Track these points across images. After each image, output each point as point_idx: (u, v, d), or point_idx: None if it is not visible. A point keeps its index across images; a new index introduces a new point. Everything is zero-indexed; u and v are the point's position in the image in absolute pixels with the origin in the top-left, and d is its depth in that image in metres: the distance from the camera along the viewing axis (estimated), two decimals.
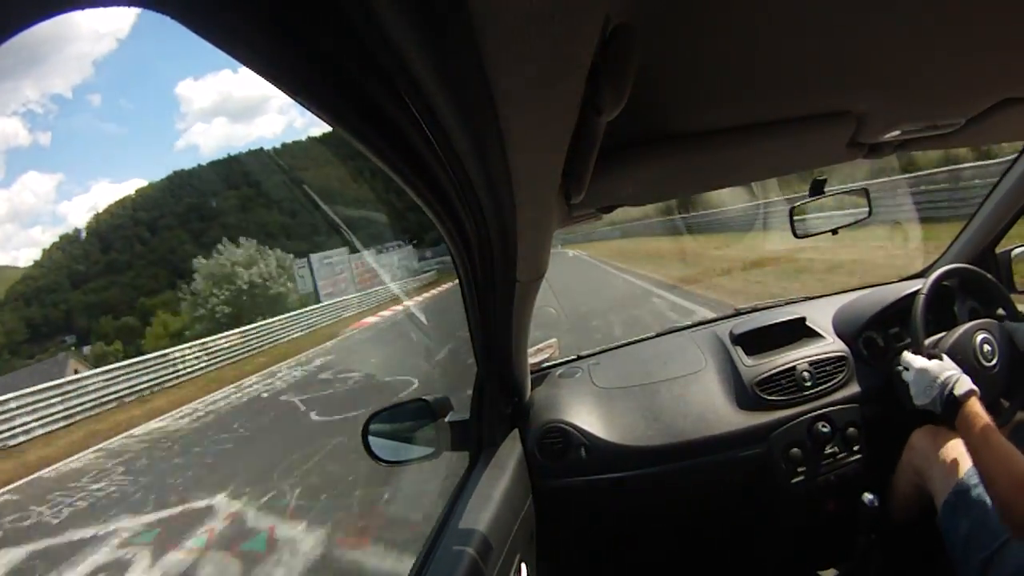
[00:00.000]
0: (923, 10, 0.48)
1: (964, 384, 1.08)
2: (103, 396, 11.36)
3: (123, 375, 12.29)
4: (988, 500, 1.02)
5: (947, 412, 1.08)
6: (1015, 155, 1.43)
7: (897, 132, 0.84)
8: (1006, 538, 0.98)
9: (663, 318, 6.81)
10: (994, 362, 1.28)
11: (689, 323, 1.80)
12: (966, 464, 1.11)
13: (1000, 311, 1.39)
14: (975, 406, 1.04)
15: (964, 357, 1.24)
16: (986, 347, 1.27)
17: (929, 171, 8.20)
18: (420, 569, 0.91)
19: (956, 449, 1.15)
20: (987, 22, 0.52)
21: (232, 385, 11.38)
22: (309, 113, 0.35)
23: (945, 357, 1.17)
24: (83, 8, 0.21)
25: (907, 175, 8.31)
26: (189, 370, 13.79)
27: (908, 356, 1.22)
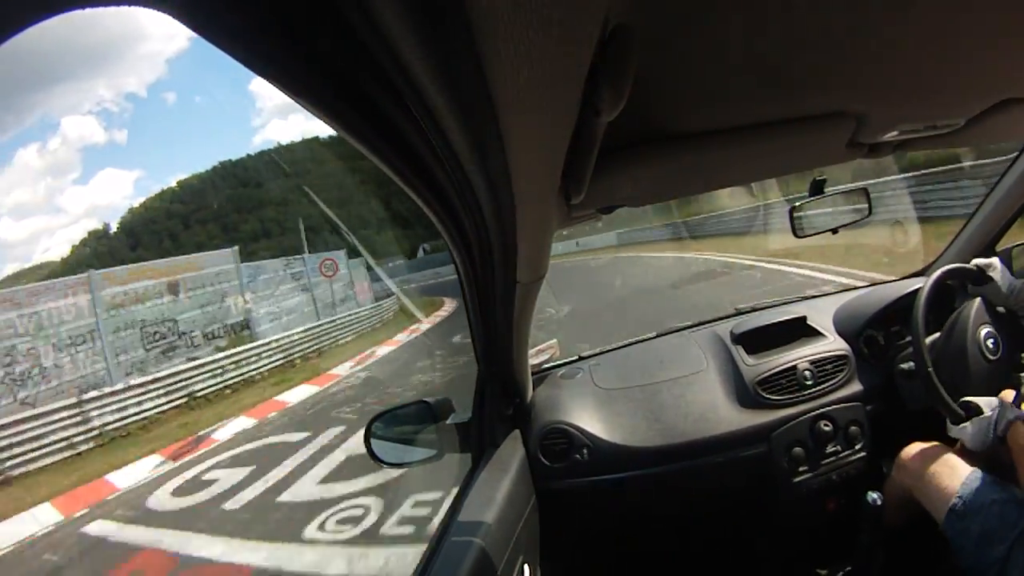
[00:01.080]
0: (923, 11, 0.48)
1: (1003, 420, 1.11)
2: None
3: None
4: (999, 498, 1.04)
5: (1001, 445, 1.12)
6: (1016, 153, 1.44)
7: (897, 132, 0.84)
8: (1019, 531, 1.00)
9: None
10: (1000, 353, 1.28)
11: (689, 323, 1.79)
12: (965, 471, 1.13)
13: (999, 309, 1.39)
14: (1016, 433, 1.08)
15: (975, 361, 1.25)
16: (989, 342, 1.28)
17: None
18: (423, 571, 0.90)
19: (948, 462, 1.17)
20: (987, 22, 0.52)
21: None
22: None
23: (980, 403, 1.17)
24: (83, 8, 0.21)
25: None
26: None
27: (957, 430, 1.20)
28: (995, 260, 1.33)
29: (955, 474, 1.14)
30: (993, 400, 1.15)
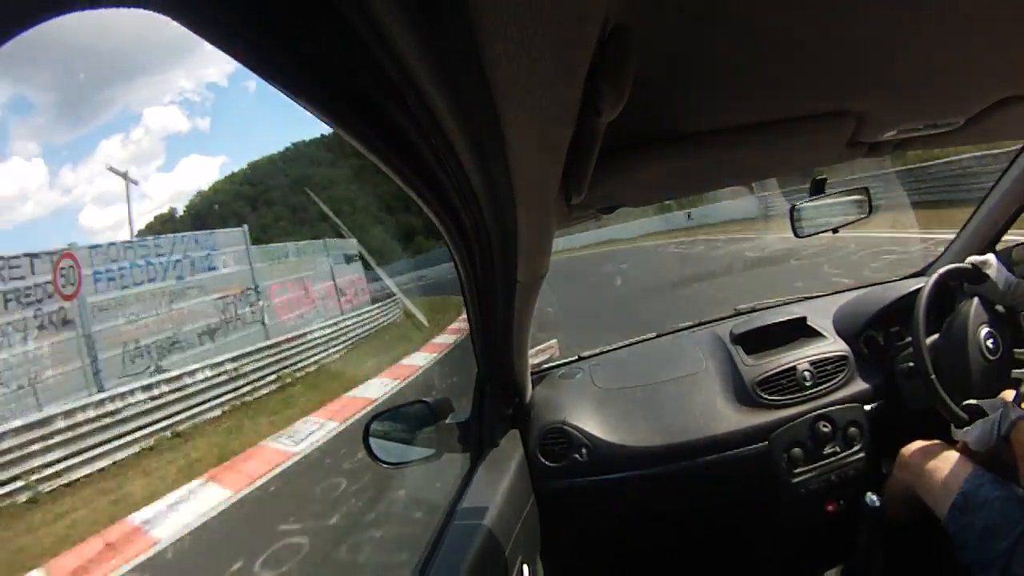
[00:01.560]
0: (923, 10, 0.48)
1: (1006, 420, 1.11)
2: None
3: None
4: (1001, 495, 1.05)
5: (1005, 444, 1.12)
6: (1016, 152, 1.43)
7: (897, 131, 0.84)
8: (1023, 528, 1.01)
9: None
10: (1000, 352, 1.28)
11: (689, 323, 1.80)
12: (967, 468, 1.14)
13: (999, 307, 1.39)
14: (1020, 432, 1.08)
15: (976, 361, 1.25)
16: (989, 342, 1.27)
17: None
18: (421, 571, 0.90)
19: (949, 459, 1.18)
20: (987, 21, 0.52)
21: None
22: None
23: (983, 404, 1.18)
24: (84, 9, 0.21)
25: None
26: None
27: (961, 433, 1.20)
28: (990, 257, 1.32)
29: (957, 471, 1.14)
30: (995, 401, 1.16)
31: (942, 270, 1.35)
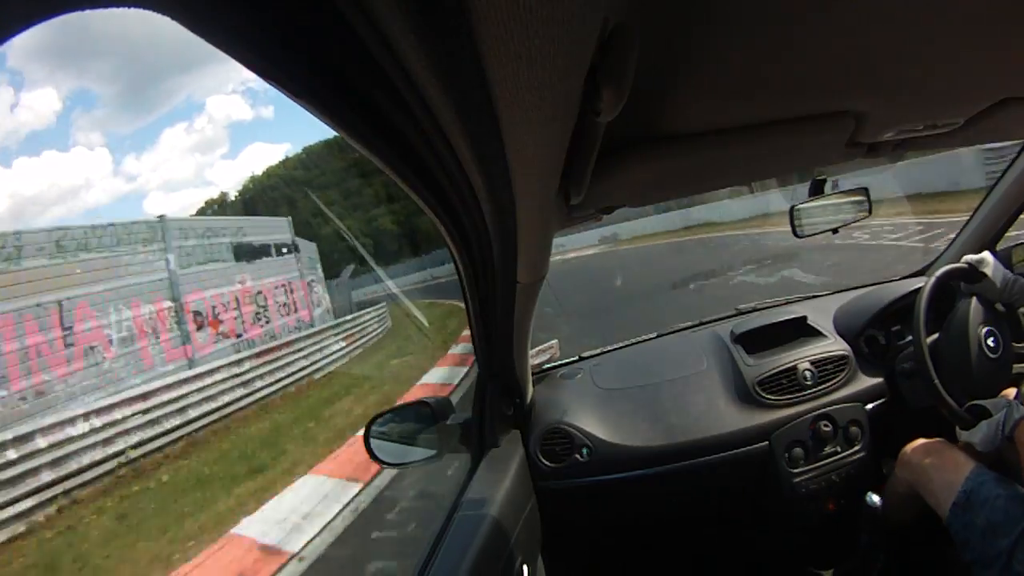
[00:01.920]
0: (922, 10, 0.48)
1: (1011, 420, 1.11)
2: None
3: None
4: (1004, 493, 1.05)
5: (1009, 443, 1.12)
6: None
7: (896, 132, 0.84)
8: None
9: None
10: (1000, 350, 1.28)
11: (690, 323, 1.80)
12: (968, 466, 1.14)
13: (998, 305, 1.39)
14: (1023, 430, 1.08)
15: (977, 360, 1.25)
16: (990, 340, 1.27)
17: None
18: (421, 571, 0.90)
19: (951, 457, 1.18)
20: (986, 22, 0.52)
21: None
22: None
23: (987, 404, 1.17)
24: (83, 9, 0.21)
25: None
26: None
27: (966, 435, 1.20)
28: (987, 255, 1.32)
29: (958, 469, 1.14)
30: (999, 400, 1.15)
31: (943, 269, 1.35)
